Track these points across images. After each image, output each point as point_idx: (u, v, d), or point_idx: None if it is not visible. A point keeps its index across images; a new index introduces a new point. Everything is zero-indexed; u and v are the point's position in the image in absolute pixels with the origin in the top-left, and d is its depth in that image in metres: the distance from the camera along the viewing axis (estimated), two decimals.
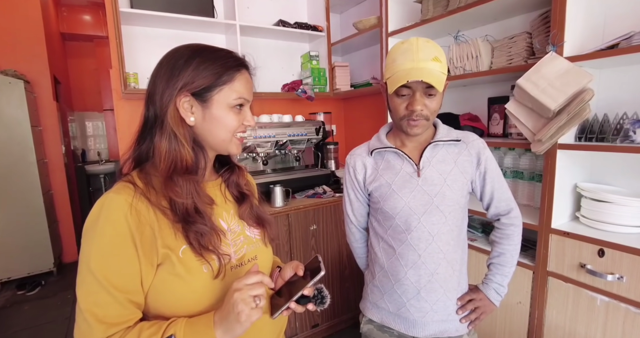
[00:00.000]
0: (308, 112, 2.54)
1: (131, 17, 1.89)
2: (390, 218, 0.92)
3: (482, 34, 1.61)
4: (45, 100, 3.16)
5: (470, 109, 1.79)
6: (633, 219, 1.14)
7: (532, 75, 1.19)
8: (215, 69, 0.63)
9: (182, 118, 0.63)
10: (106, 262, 0.56)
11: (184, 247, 0.60)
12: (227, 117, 0.65)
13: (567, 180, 1.29)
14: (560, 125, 1.14)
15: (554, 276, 1.25)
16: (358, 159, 0.99)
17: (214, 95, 0.63)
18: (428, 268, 0.89)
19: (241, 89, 0.65)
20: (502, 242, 0.97)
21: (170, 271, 0.59)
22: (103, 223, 0.56)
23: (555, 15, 1.17)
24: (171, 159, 0.62)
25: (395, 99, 0.86)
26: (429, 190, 0.88)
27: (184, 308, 0.61)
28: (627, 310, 1.07)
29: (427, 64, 0.80)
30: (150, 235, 0.59)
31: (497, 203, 0.95)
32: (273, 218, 0.80)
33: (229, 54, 0.67)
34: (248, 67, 0.69)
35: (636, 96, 1.22)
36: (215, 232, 0.64)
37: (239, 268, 0.68)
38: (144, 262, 0.58)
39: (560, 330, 1.25)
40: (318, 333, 2.04)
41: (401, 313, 0.94)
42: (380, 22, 1.98)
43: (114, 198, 0.58)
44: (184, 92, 0.62)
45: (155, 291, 0.60)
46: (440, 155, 0.91)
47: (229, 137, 0.67)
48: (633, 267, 1.05)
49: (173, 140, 0.62)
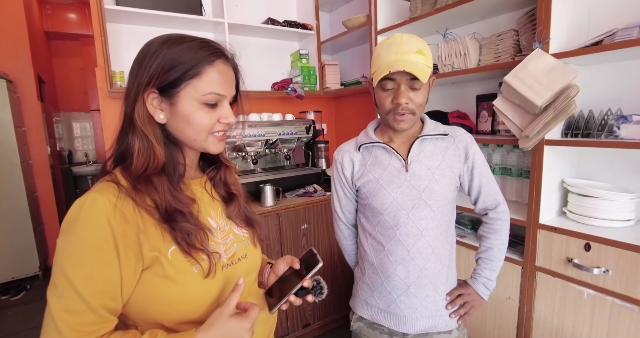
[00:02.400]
0: (298, 111, 2.53)
1: (117, 14, 1.85)
2: (379, 214, 0.91)
3: (470, 31, 1.62)
4: (29, 100, 3.08)
5: (459, 107, 1.80)
6: (618, 213, 1.16)
7: (519, 72, 1.20)
8: (181, 62, 0.57)
9: (151, 115, 0.60)
10: (83, 267, 0.53)
11: (172, 248, 0.58)
12: (196, 115, 0.60)
13: (554, 176, 1.30)
14: (547, 121, 1.15)
15: (542, 271, 1.26)
16: (346, 154, 0.98)
17: (180, 90, 0.58)
18: (417, 263, 0.89)
19: (211, 84, 0.59)
20: (489, 236, 0.97)
21: (159, 274, 0.57)
22: (82, 225, 0.53)
23: (541, 13, 1.19)
24: (144, 158, 0.59)
25: (380, 93, 0.86)
26: (417, 185, 0.88)
27: (175, 310, 0.59)
28: (612, 303, 1.09)
29: (410, 56, 0.80)
30: (134, 238, 0.56)
31: (485, 197, 0.95)
32: (262, 218, 0.78)
33: (203, 43, 0.60)
34: (226, 58, 0.62)
35: (620, 92, 1.24)
36: (201, 230, 0.62)
37: (230, 267, 0.65)
38: (126, 267, 0.55)
39: (549, 324, 1.27)
40: (310, 333, 2.03)
41: (391, 310, 0.94)
42: (369, 20, 1.98)
43: (96, 198, 0.54)
44: (149, 88, 0.58)
45: (142, 295, 0.57)
46: (428, 150, 0.91)
47: (203, 137, 0.62)
48: (618, 260, 1.06)
49: (144, 138, 0.59)
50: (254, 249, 0.73)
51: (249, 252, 0.71)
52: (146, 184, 0.58)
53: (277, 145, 2.10)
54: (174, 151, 0.63)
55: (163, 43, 0.59)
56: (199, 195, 0.68)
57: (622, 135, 1.08)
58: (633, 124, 1.06)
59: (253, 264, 0.72)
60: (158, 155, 0.59)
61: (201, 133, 0.62)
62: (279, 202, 1.89)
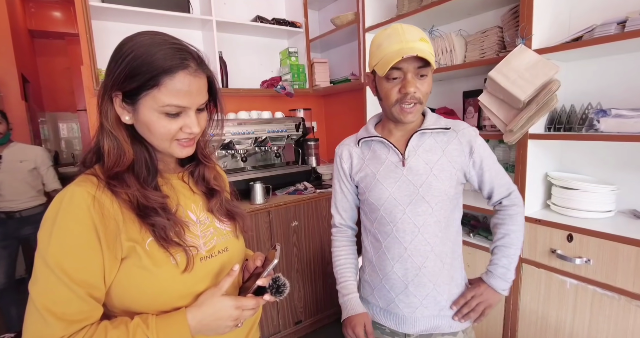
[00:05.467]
0: (288, 109, 2.53)
1: (103, 11, 1.83)
2: (376, 210, 0.89)
3: (456, 28, 1.65)
4: (12, 99, 3.03)
5: (446, 103, 1.82)
6: (599, 205, 1.19)
7: (503, 68, 1.23)
8: (141, 72, 0.56)
9: (119, 116, 0.60)
10: (65, 255, 0.53)
11: (149, 240, 0.59)
12: (156, 124, 0.59)
13: (538, 170, 1.33)
14: (529, 115, 1.18)
15: (527, 262, 1.29)
16: (345, 148, 0.97)
17: (140, 98, 0.58)
18: (415, 261, 0.86)
19: (170, 96, 0.57)
20: (505, 222, 0.91)
21: (136, 264, 0.58)
22: (63, 216, 0.54)
23: (523, 10, 1.21)
24: (114, 158, 0.60)
25: (385, 83, 0.82)
26: (414, 180, 0.85)
27: (152, 300, 0.59)
28: (594, 291, 1.12)
29: (416, 44, 0.78)
30: (114, 228, 0.57)
31: (498, 189, 0.91)
32: (249, 215, 0.79)
33: (170, 50, 0.58)
34: (192, 66, 0.59)
35: (600, 87, 1.28)
36: (177, 224, 0.62)
37: (209, 259, 0.66)
38: (108, 256, 0.56)
39: (534, 315, 1.29)
40: (302, 330, 2.04)
41: (390, 309, 0.91)
42: (357, 18, 1.99)
43: (76, 190, 0.55)
44: (115, 90, 0.58)
45: (121, 285, 0.58)
46: (427, 145, 0.88)
47: (166, 144, 0.62)
48: (599, 250, 1.09)
49: (113, 138, 0.60)
50: (236, 242, 0.73)
51: (230, 245, 0.71)
52: (118, 181, 0.59)
53: (266, 143, 2.10)
54: (144, 149, 0.63)
55: (133, 45, 0.58)
56: (178, 189, 0.69)
57: (601, 128, 1.11)
58: (612, 118, 1.09)
59: (235, 256, 0.72)
60: (127, 153, 0.60)
61: (163, 141, 0.61)
62: (269, 200, 1.89)
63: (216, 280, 0.65)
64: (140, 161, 0.62)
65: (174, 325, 0.57)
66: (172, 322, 0.57)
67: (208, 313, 0.59)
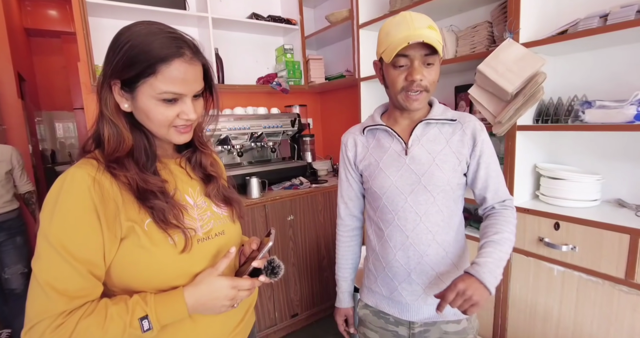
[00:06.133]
0: (283, 105, 2.55)
1: (99, 8, 1.85)
2: (378, 199, 0.90)
3: (447, 24, 1.68)
4: (9, 97, 3.03)
5: (439, 98, 1.81)
6: (585, 194, 1.22)
7: (492, 61, 1.26)
8: (138, 60, 0.58)
9: (118, 104, 0.62)
10: (67, 234, 0.55)
11: (148, 221, 0.61)
12: (154, 110, 0.61)
13: (527, 161, 1.37)
14: (517, 107, 1.21)
15: (517, 251, 1.32)
16: (350, 136, 0.98)
17: (138, 86, 0.60)
18: (417, 249, 0.86)
19: (167, 83, 0.59)
20: (499, 222, 0.85)
21: (135, 243, 0.60)
22: (65, 197, 0.56)
23: (511, 4, 1.25)
24: (114, 144, 0.62)
25: (392, 71, 0.83)
26: (417, 169, 0.86)
27: (150, 279, 0.61)
28: (579, 277, 1.15)
29: (424, 31, 0.78)
30: (114, 208, 0.59)
31: (491, 193, 0.88)
32: (240, 197, 0.81)
33: (166, 39, 0.60)
34: (188, 55, 0.61)
35: (585, 80, 1.31)
36: (175, 207, 0.64)
37: (206, 241, 0.68)
38: (108, 235, 0.58)
39: (523, 302, 1.33)
40: (298, 323, 2.06)
41: (394, 297, 0.92)
42: (351, 15, 2.02)
43: (76, 172, 0.58)
44: (113, 78, 0.61)
45: (120, 264, 0.60)
46: (431, 135, 0.88)
47: (164, 130, 0.64)
48: (584, 237, 1.13)
49: (112, 126, 0.62)
50: (232, 226, 0.75)
51: (226, 229, 0.73)
52: (118, 165, 0.61)
53: (262, 139, 2.13)
54: (142, 135, 0.66)
55: (131, 35, 0.60)
56: (176, 173, 0.71)
57: (586, 119, 1.14)
58: (595, 109, 1.12)
59: (231, 240, 0.74)
60: (126, 140, 0.63)
61: (161, 127, 0.64)
62: (265, 195, 1.92)
63: (213, 262, 0.67)
64: (139, 147, 0.65)
65: (172, 302, 0.59)
66: (169, 300, 0.59)
67: (205, 292, 0.61)
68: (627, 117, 1.03)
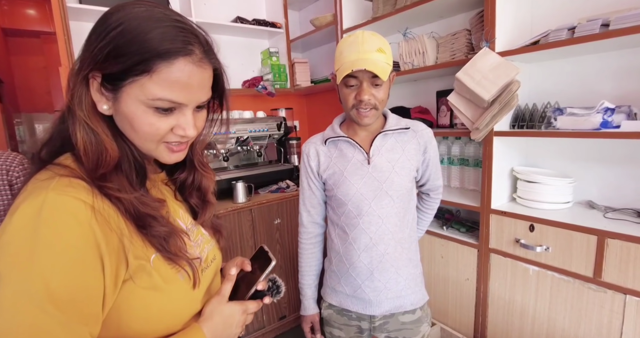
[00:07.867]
0: (269, 108, 2.56)
1: (80, 12, 1.82)
2: (343, 205, 0.97)
3: (429, 30, 1.72)
4: None
5: (421, 103, 1.90)
6: (557, 196, 1.28)
7: (469, 69, 1.30)
8: (130, 51, 0.43)
9: (95, 103, 0.47)
10: (62, 287, 0.40)
11: (153, 256, 0.50)
12: (141, 119, 0.47)
13: (504, 165, 1.42)
14: (493, 114, 1.26)
15: (495, 252, 1.38)
16: (312, 146, 1.04)
17: (124, 85, 0.45)
18: (379, 249, 0.95)
19: (163, 88, 0.45)
20: (425, 211, 1.16)
21: (143, 285, 0.48)
22: (49, 236, 0.40)
23: (487, 14, 1.29)
24: (94, 155, 0.46)
25: (344, 89, 0.91)
26: (379, 176, 0.94)
27: (162, 321, 0.51)
28: (552, 276, 1.21)
29: (372, 55, 0.85)
30: (117, 245, 0.46)
31: (432, 183, 1.09)
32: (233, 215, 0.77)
33: (171, 30, 0.45)
34: (198, 54, 0.47)
35: (557, 87, 1.37)
36: (176, 234, 0.53)
37: (206, 270, 0.60)
38: (109, 281, 0.44)
39: (502, 300, 1.38)
40: (286, 324, 2.09)
41: (357, 295, 0.99)
42: (335, 19, 2.04)
43: (65, 200, 0.42)
44: (94, 71, 0.45)
45: (123, 311, 0.47)
46: (389, 144, 0.97)
47: (152, 145, 0.50)
48: (556, 238, 1.18)
49: (88, 129, 0.47)
50: (218, 250, 0.68)
51: (216, 253, 0.66)
52: (106, 184, 0.47)
53: (248, 143, 2.14)
54: (126, 143, 0.50)
55: (124, 16, 0.45)
56: (164, 192, 0.60)
57: (557, 125, 1.20)
58: (566, 116, 1.18)
59: (220, 264, 0.69)
60: (109, 150, 0.47)
61: (147, 141, 0.49)
62: (252, 198, 1.93)
63: (208, 291, 0.60)
64: (126, 159, 0.50)
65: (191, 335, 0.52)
66: None
67: (219, 322, 0.56)
68: (594, 124, 1.09)
